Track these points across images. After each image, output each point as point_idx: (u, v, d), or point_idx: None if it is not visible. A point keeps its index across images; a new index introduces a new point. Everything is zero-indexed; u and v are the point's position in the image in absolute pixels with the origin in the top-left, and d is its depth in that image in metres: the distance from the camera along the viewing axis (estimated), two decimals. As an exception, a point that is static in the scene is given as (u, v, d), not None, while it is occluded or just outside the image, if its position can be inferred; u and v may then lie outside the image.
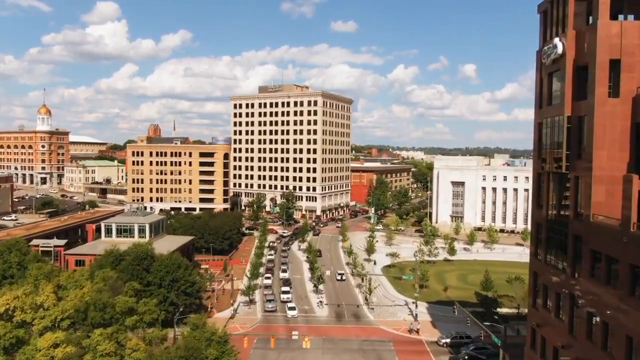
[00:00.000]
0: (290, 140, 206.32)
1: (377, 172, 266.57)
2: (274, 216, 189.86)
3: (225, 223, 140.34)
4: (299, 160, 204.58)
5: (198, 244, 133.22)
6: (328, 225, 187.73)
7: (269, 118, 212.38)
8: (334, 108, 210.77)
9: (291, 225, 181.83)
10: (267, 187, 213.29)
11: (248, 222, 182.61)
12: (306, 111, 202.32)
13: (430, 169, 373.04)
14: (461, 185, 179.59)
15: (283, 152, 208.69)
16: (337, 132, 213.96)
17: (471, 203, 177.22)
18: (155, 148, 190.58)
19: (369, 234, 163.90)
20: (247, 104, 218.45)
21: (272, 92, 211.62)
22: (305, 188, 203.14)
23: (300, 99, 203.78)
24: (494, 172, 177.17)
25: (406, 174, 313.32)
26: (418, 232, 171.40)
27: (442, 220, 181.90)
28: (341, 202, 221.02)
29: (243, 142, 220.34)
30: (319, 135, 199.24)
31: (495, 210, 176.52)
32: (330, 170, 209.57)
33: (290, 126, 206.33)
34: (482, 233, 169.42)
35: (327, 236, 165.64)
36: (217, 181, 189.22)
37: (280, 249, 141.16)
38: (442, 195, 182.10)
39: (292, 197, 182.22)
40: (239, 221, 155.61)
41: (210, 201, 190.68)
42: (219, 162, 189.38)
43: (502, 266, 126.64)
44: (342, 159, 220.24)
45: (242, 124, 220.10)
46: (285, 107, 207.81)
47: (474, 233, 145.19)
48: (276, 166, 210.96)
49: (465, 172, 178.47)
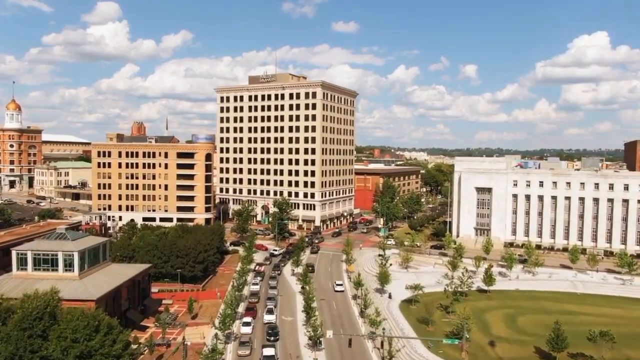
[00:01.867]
0: (285, 138, 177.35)
1: (383, 175, 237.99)
2: (265, 227, 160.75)
3: (200, 241, 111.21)
4: (295, 162, 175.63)
5: (163, 270, 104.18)
6: (329, 239, 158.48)
7: (260, 113, 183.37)
8: (336, 101, 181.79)
9: (285, 239, 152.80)
10: (258, 193, 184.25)
11: (234, 236, 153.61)
12: (303, 105, 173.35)
13: (439, 171, 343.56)
14: (488, 192, 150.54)
15: (277, 153, 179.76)
16: (339, 130, 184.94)
17: (500, 213, 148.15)
18: (124, 148, 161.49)
19: (378, 252, 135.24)
20: (235, 96, 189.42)
21: (264, 82, 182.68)
22: (302, 194, 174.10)
23: (297, 90, 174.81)
24: (528, 176, 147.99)
25: (415, 177, 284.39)
26: (437, 249, 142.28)
27: (464, 233, 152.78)
28: (344, 209, 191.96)
29: (231, 141, 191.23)
30: (318, 133, 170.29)
31: (529, 222, 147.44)
32: (332, 174, 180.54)
33: (285, 122, 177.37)
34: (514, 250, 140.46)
35: (327, 254, 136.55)
36: (198, 186, 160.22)
37: (269, 275, 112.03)
38: (464, 204, 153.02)
39: (286, 206, 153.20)
40: (219, 237, 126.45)
41: (189, 210, 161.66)
42: (200, 164, 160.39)
43: (555, 301, 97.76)
44: (344, 161, 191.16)
45: (230, 119, 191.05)
46: (279, 100, 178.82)
47: (511, 254, 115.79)
48: (269, 169, 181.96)
49: (493, 176, 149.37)
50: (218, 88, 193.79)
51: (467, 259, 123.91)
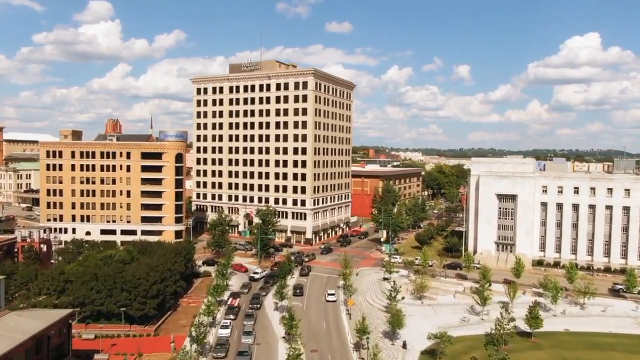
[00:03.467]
0: (272, 136, 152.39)
1: (383, 178, 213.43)
2: (247, 240, 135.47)
3: (156, 267, 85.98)
4: (282, 164, 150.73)
5: (103, 307, 78.92)
6: (322, 257, 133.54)
7: (242, 107, 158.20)
8: (331, 93, 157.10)
9: (270, 256, 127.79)
10: (240, 199, 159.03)
11: (209, 252, 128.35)
12: (292, 97, 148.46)
13: (441, 172, 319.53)
14: (511, 199, 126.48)
15: (262, 153, 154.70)
16: (334, 126, 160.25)
17: (526, 225, 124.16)
18: (78, 147, 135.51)
19: (381, 274, 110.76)
20: (214, 88, 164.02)
21: (248, 71, 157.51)
22: (292, 201, 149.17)
23: (285, 80, 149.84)
24: (560, 181, 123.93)
25: (416, 179, 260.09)
26: (452, 268, 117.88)
27: (483, 248, 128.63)
28: (339, 218, 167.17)
29: (209, 139, 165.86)
30: (309, 130, 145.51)
31: (562, 235, 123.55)
32: (325, 177, 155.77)
33: (271, 117, 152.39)
34: (549, 271, 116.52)
35: (320, 276, 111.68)
36: (166, 193, 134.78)
37: (245, 311, 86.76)
38: (483, 214, 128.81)
39: (270, 217, 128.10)
40: (185, 257, 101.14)
41: (156, 221, 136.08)
42: (169, 166, 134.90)
43: (625, 350, 73.40)
44: (340, 162, 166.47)
45: (208, 114, 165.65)
46: (264, 91, 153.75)
47: (555, 282, 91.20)
48: (252, 171, 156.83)
49: (518, 180, 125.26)
50: (194, 78, 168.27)
51: (495, 283, 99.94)
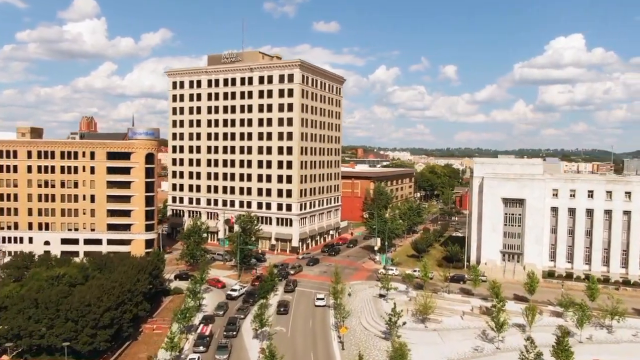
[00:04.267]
0: (254, 134, 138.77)
1: (374, 179, 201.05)
2: (227, 250, 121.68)
3: (111, 290, 72.01)
4: (266, 165, 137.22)
5: (43, 341, 64.85)
6: (308, 269, 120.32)
7: (222, 102, 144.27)
8: (319, 88, 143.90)
9: (252, 268, 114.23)
10: (220, 204, 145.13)
11: (184, 264, 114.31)
12: (277, 91, 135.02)
13: (433, 173, 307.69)
14: (519, 204, 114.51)
15: (243, 153, 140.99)
16: (322, 124, 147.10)
17: (536, 232, 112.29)
18: (35, 146, 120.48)
19: (376, 289, 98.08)
20: (191, 81, 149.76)
21: (228, 63, 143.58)
22: (276, 206, 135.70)
23: (269, 72, 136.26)
24: (573, 183, 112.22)
25: (408, 180, 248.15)
26: (454, 281, 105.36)
27: (488, 257, 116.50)
28: (329, 223, 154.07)
29: (185, 138, 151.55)
30: (296, 127, 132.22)
31: (574, 244, 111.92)
32: (313, 179, 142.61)
33: (254, 113, 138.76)
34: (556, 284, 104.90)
35: (308, 293, 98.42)
36: (136, 197, 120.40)
37: (219, 340, 73.11)
38: (487, 220, 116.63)
39: (251, 225, 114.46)
40: (150, 273, 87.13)
41: (125, 229, 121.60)
42: (138, 168, 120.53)
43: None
44: (329, 162, 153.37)
45: (185, 111, 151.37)
46: (246, 85, 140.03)
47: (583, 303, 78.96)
48: (233, 173, 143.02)
49: (526, 183, 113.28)
50: (169, 71, 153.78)
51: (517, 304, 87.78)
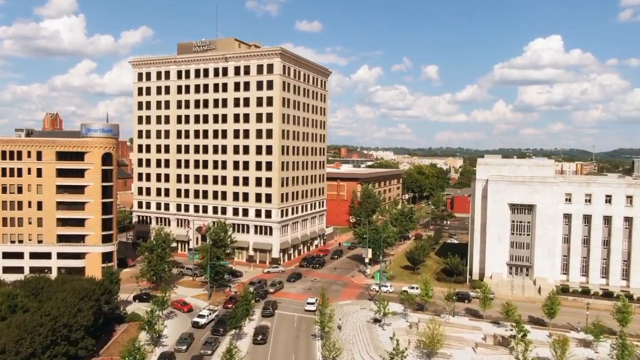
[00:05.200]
0: (229, 131, 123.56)
1: (361, 181, 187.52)
2: (196, 263, 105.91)
3: (35, 329, 56.31)
4: (243, 166, 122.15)
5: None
6: (290, 286, 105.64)
7: (193, 95, 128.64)
8: (302, 80, 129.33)
9: (226, 286, 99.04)
10: (191, 210, 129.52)
11: (147, 283, 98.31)
12: (255, 83, 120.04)
13: (421, 174, 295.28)
14: (528, 210, 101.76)
15: (217, 152, 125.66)
16: (306, 120, 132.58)
17: (547, 243, 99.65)
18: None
19: (368, 311, 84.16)
20: (159, 72, 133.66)
21: (200, 52, 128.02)
22: (254, 212, 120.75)
23: (246, 62, 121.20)
24: (589, 187, 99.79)
25: (396, 182, 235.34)
26: (458, 300, 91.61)
27: (493, 271, 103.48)
28: (313, 230, 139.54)
29: (152, 136, 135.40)
30: (276, 124, 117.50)
31: (589, 255, 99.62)
32: (296, 182, 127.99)
33: (229, 108, 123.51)
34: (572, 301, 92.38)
35: (290, 317, 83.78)
36: (91, 205, 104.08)
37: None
38: (493, 228, 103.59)
39: (224, 236, 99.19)
40: (97, 300, 71.35)
41: (78, 240, 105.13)
42: (93, 170, 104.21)
43: None
44: (313, 163, 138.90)
45: (152, 105, 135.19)
46: (220, 76, 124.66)
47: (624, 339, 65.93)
48: (206, 175, 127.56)
49: (536, 187, 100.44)
50: (134, 60, 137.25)
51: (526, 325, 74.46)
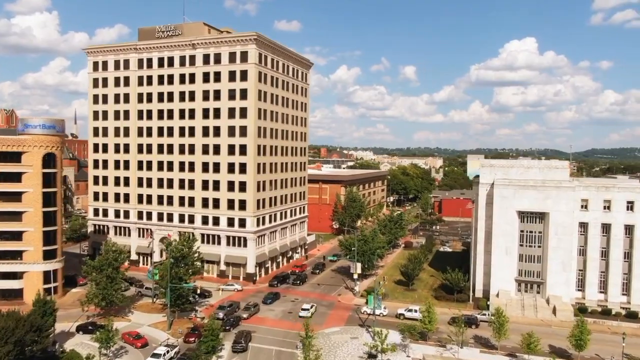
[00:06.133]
0: (198, 129, 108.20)
1: (345, 183, 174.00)
2: (157, 283, 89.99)
3: None
4: (214, 168, 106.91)
5: None
6: (267, 307, 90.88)
7: (156, 88, 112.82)
8: (280, 71, 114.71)
9: (191, 310, 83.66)
10: (155, 218, 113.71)
11: (92, 308, 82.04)
12: (227, 73, 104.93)
13: (406, 175, 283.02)
14: (539, 218, 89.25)
15: (184, 153, 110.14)
16: (285, 116, 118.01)
17: (561, 255, 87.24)
18: None
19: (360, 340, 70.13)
20: (117, 61, 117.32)
21: (164, 37, 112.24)
22: (226, 221, 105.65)
23: (216, 49, 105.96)
24: (608, 192, 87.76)
25: (380, 183, 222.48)
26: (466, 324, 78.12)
27: (500, 287, 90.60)
28: (293, 240, 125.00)
29: (110, 134, 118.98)
30: (251, 120, 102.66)
31: (608, 269, 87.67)
32: (274, 186, 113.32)
33: (197, 102, 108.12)
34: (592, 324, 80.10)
35: (268, 351, 69.07)
36: (30, 214, 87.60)
37: None
38: (499, 239, 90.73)
39: (188, 251, 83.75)
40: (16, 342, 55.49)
41: (14, 257, 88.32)
42: (33, 173, 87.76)
43: None
44: (294, 165, 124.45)
45: (109, 99, 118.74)
46: (187, 66, 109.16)
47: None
48: (171, 178, 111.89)
49: (549, 193, 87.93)
50: (89, 47, 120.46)
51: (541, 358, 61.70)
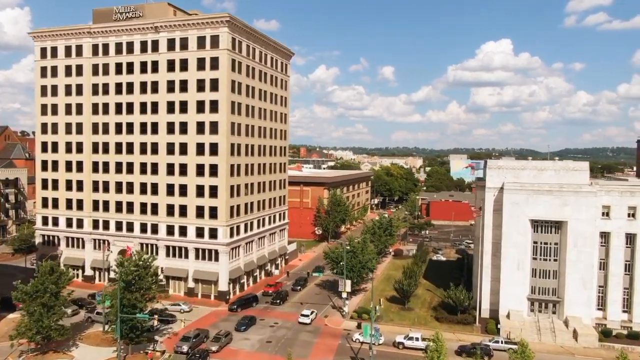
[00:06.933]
0: (162, 125, 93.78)
1: (328, 186, 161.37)
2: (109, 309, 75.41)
3: None
4: (179, 170, 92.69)
5: None
6: (240, 335, 77.28)
7: (114, 77, 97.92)
8: (257, 60, 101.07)
9: (150, 343, 69.37)
10: (112, 228, 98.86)
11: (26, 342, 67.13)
12: (195, 61, 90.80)
13: (390, 175, 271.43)
14: (555, 228, 77.92)
15: (145, 153, 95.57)
16: (263, 111, 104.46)
17: (581, 270, 76.03)
18: None
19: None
20: (68, 47, 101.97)
21: (123, 19, 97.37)
22: (194, 231, 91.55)
23: (183, 33, 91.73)
24: (633, 197, 76.86)
25: (365, 185, 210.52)
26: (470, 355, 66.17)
27: (510, 307, 78.95)
28: (273, 250, 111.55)
29: (61, 131, 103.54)
30: (223, 115, 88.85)
31: (632, 286, 76.87)
32: (250, 190, 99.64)
33: (160, 94, 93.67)
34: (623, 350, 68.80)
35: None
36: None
37: None
38: (510, 252, 79.05)
39: (143, 272, 69.35)
40: None
41: None
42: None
43: None
44: (273, 166, 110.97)
45: (59, 90, 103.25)
46: (150, 52, 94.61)
47: None
48: (131, 182, 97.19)
49: (568, 198, 76.57)
50: (35, 31, 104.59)
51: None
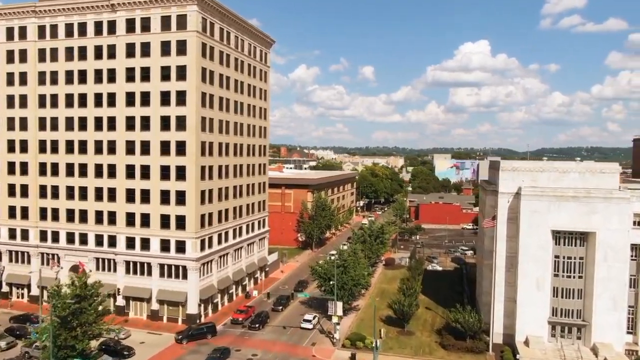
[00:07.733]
0: (120, 120, 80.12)
1: (312, 188, 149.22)
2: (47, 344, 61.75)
3: None
4: (141, 173, 79.20)
5: None
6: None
7: (65, 64, 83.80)
8: (233, 46, 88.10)
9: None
10: (62, 240, 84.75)
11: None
12: (159, 45, 77.43)
13: (375, 176, 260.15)
14: (580, 240, 67.08)
15: (101, 152, 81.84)
16: (239, 105, 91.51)
17: (612, 289, 65.33)
18: None
19: None
20: (10, 28, 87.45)
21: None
22: (159, 244, 78.24)
23: (144, 12, 78.22)
24: (670, 204, 66.44)
25: (350, 187, 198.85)
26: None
27: (528, 332, 67.81)
28: (251, 262, 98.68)
29: (1, 125, 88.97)
30: (191, 109, 75.74)
31: (669, 305, 66.50)
32: (223, 196, 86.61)
33: (118, 84, 79.99)
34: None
35: None
36: None
37: None
38: (528, 267, 67.91)
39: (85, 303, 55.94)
40: None
41: None
42: None
43: None
44: (251, 167, 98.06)
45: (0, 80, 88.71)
46: (106, 35, 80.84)
47: None
48: (84, 187, 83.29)
49: (595, 206, 65.72)
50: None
51: None
